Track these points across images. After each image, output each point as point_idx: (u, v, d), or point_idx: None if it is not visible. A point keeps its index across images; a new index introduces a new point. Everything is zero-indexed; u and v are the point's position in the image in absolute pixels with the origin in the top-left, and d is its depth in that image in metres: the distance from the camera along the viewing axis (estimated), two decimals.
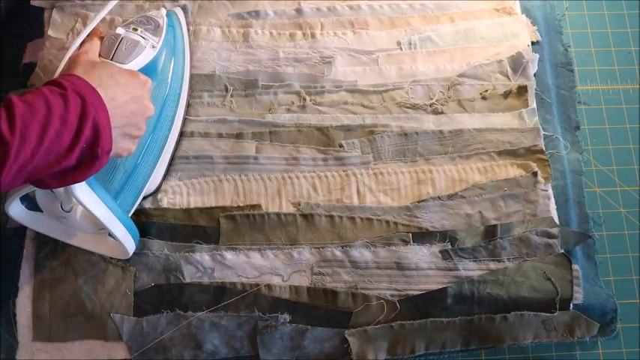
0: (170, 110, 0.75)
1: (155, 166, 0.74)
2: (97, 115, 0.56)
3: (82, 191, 0.61)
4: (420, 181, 0.78)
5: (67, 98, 0.55)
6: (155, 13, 0.74)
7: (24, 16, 0.85)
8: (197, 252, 0.72)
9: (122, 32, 0.68)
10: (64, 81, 0.57)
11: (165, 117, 0.74)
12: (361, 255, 0.73)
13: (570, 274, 0.73)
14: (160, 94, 0.73)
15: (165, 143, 0.75)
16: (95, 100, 0.57)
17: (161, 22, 0.73)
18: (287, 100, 0.82)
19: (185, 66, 0.79)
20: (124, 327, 0.69)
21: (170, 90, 0.75)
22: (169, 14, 0.79)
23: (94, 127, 0.56)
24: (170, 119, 0.75)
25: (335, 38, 0.86)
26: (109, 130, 0.57)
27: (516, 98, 0.83)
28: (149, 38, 0.70)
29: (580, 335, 0.72)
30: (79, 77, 0.58)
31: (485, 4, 0.90)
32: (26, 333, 0.69)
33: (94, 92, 0.57)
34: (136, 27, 0.70)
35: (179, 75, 0.77)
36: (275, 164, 0.78)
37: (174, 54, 0.77)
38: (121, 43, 0.67)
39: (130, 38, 0.68)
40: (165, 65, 0.74)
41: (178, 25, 0.80)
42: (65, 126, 0.54)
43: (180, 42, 0.79)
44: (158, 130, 0.73)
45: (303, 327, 0.70)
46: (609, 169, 0.83)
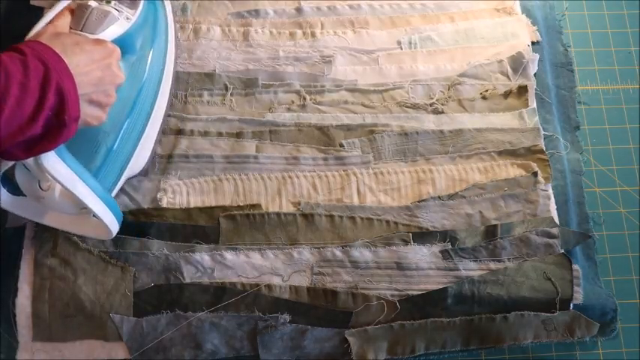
0: (151, 87, 0.74)
1: (137, 144, 0.72)
2: (61, 81, 0.54)
3: (54, 165, 0.60)
4: (421, 180, 0.78)
5: (26, 64, 0.53)
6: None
7: (24, 16, 0.85)
8: (197, 252, 0.72)
9: (93, 3, 0.66)
10: (25, 47, 0.55)
11: (146, 93, 0.73)
12: (361, 255, 0.73)
13: (570, 274, 0.73)
14: (140, 70, 0.72)
15: (147, 121, 0.73)
16: (58, 65, 0.55)
17: None
18: (287, 99, 0.82)
19: (169, 42, 0.77)
20: (124, 327, 0.69)
21: (151, 66, 0.73)
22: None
23: (59, 93, 0.54)
24: (152, 96, 0.74)
25: (335, 37, 0.86)
26: (75, 96, 0.56)
27: (516, 98, 0.83)
28: (123, 10, 0.68)
29: (580, 335, 0.72)
30: (41, 43, 0.56)
31: (486, 4, 0.90)
32: (26, 333, 0.69)
33: (57, 57, 0.56)
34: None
35: (162, 52, 0.76)
36: (275, 164, 0.78)
37: (156, 30, 0.75)
38: (91, 14, 0.65)
39: (101, 9, 0.65)
40: (146, 40, 0.72)
41: (161, 3, 0.78)
42: (26, 93, 0.52)
43: (163, 18, 0.77)
44: (139, 106, 0.71)
45: (303, 327, 0.70)
46: (609, 169, 0.83)
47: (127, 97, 0.69)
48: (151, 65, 0.73)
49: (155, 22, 0.75)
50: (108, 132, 0.68)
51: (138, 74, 0.71)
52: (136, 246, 0.72)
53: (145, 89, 0.72)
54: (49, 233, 0.72)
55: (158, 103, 0.75)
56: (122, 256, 0.71)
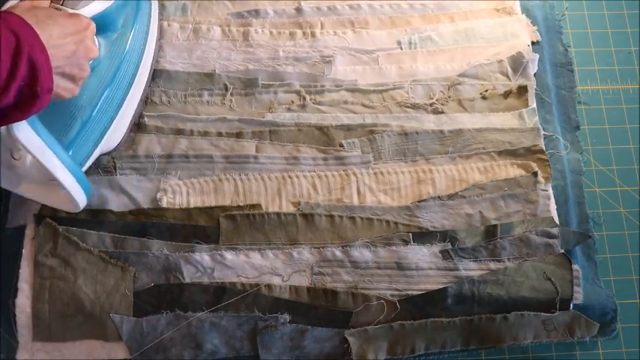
0: (131, 66, 0.74)
1: (113, 120, 0.73)
2: (32, 52, 0.54)
3: (25, 135, 0.60)
4: (421, 180, 0.78)
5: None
6: None
7: None
8: (197, 252, 0.72)
9: None
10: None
11: (125, 71, 0.73)
12: (361, 255, 0.73)
13: (570, 274, 0.73)
14: (120, 47, 0.73)
15: (124, 98, 0.74)
16: (30, 36, 0.55)
17: None
18: (287, 99, 0.82)
19: (152, 23, 0.79)
20: (124, 327, 0.69)
21: (132, 45, 0.74)
22: None
23: (30, 64, 0.54)
24: (130, 74, 0.75)
25: (335, 37, 0.86)
26: (48, 68, 0.56)
27: (516, 98, 0.83)
28: None
29: (580, 335, 0.72)
30: (13, 14, 0.56)
31: (486, 4, 0.90)
32: (26, 333, 0.69)
33: (29, 29, 0.55)
34: None
35: (143, 32, 0.77)
36: (275, 164, 0.78)
37: (139, 10, 0.76)
38: None
39: None
40: (128, 19, 0.74)
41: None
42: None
43: (146, 2, 0.78)
44: (117, 82, 0.72)
45: (303, 327, 0.70)
46: (609, 169, 0.83)
47: (104, 73, 0.70)
48: (132, 44, 0.74)
49: (138, 3, 0.76)
50: (84, 105, 0.69)
51: (117, 51, 0.72)
52: (136, 246, 0.72)
53: (123, 66, 0.73)
54: (49, 233, 0.72)
55: (137, 82, 0.76)
56: (122, 256, 0.71)
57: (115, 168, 0.76)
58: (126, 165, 0.76)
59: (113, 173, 0.76)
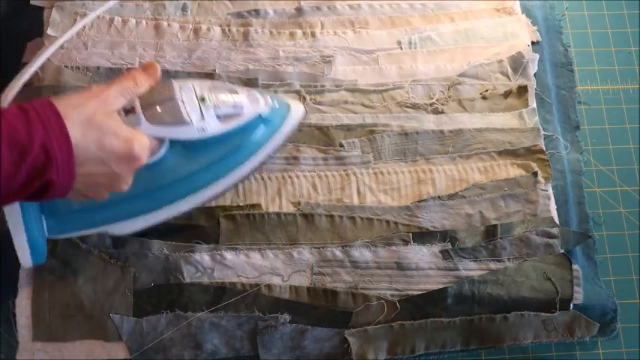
0: (177, 195, 0.66)
1: (131, 219, 0.67)
2: (56, 175, 0.50)
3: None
4: (421, 180, 0.78)
5: (30, 142, 0.48)
6: (251, 97, 0.63)
7: (24, 16, 0.85)
8: (197, 252, 0.72)
9: (177, 92, 0.58)
10: (43, 125, 0.49)
11: (173, 195, 0.66)
12: (361, 255, 0.73)
13: (570, 274, 0.73)
14: (176, 177, 0.65)
15: (154, 213, 0.67)
16: (62, 156, 0.50)
17: (247, 109, 0.62)
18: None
19: (241, 172, 0.68)
20: (124, 327, 0.69)
21: (191, 186, 0.66)
22: (275, 110, 0.66)
23: (47, 185, 0.51)
24: (173, 202, 0.67)
25: (335, 37, 0.86)
26: (64, 190, 0.52)
27: (516, 98, 0.83)
28: (208, 121, 0.60)
29: (580, 335, 0.72)
30: (62, 123, 0.50)
31: (486, 4, 0.90)
32: (26, 333, 0.69)
33: (67, 150, 0.50)
34: (204, 97, 0.60)
35: (229, 167, 0.66)
36: (275, 163, 0.77)
37: (238, 154, 0.66)
38: (164, 101, 0.58)
39: (176, 104, 0.58)
40: (211, 156, 0.64)
41: (279, 125, 0.68)
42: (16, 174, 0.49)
43: (263, 151, 0.67)
44: (149, 202, 0.66)
45: (303, 327, 0.70)
46: (609, 169, 0.83)
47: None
48: (193, 183, 0.66)
49: (243, 147, 0.66)
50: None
51: (168, 179, 0.64)
52: (135, 246, 0.72)
53: (165, 195, 0.66)
54: None
55: (181, 204, 0.67)
56: (122, 256, 0.71)
57: None
58: None
59: None
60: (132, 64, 0.82)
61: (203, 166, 0.64)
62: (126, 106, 0.58)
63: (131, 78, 0.58)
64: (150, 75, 0.59)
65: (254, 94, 0.64)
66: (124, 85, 0.57)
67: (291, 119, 0.68)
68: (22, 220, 0.61)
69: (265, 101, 0.65)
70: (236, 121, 0.62)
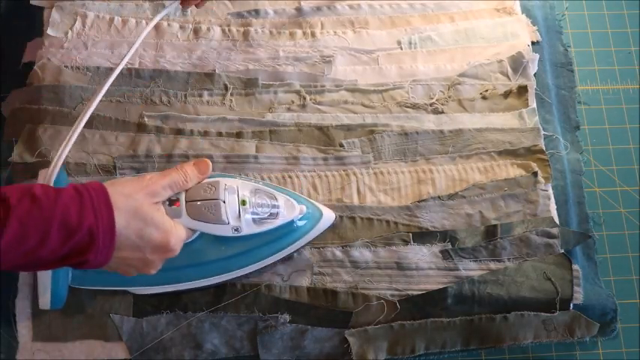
0: (197, 276, 0.68)
1: (154, 286, 0.69)
2: (93, 257, 0.53)
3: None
4: (421, 180, 0.78)
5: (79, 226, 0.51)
6: (288, 204, 0.67)
7: (24, 16, 0.85)
8: None
9: (221, 193, 0.62)
10: (96, 214, 0.53)
11: (186, 276, 0.68)
12: (361, 255, 0.73)
13: (570, 274, 0.73)
14: (199, 261, 0.67)
15: (172, 285, 0.69)
16: (105, 243, 0.53)
17: (282, 215, 0.66)
18: (287, 99, 0.82)
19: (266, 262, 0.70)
20: (124, 327, 0.69)
21: (211, 271, 0.68)
22: (308, 216, 0.69)
23: (83, 262, 0.54)
24: (191, 280, 0.69)
25: (335, 37, 0.86)
26: (98, 265, 0.55)
27: (516, 98, 0.83)
28: (244, 222, 0.63)
29: (580, 335, 0.72)
30: (112, 218, 0.54)
31: (486, 3, 0.90)
32: (26, 333, 0.69)
33: (110, 237, 0.54)
34: (245, 201, 0.64)
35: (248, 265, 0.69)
36: (275, 163, 0.78)
37: (262, 251, 0.68)
38: (208, 202, 0.61)
39: (218, 206, 0.62)
40: (236, 249, 0.67)
41: (308, 230, 0.70)
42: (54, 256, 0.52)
43: (286, 251, 0.70)
44: (170, 277, 0.67)
45: (303, 327, 0.70)
46: (609, 169, 0.83)
47: (172, 263, 0.64)
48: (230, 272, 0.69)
49: (272, 243, 0.68)
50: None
51: (197, 274, 0.67)
52: None
53: (195, 273, 0.68)
54: None
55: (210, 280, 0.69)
56: None
57: (115, 168, 0.76)
58: (125, 165, 0.76)
59: (113, 173, 0.76)
60: (132, 64, 0.82)
61: (227, 256, 0.67)
62: (172, 197, 0.61)
63: (183, 173, 0.62)
64: (201, 172, 0.63)
65: (291, 202, 0.68)
66: (174, 179, 0.61)
67: (321, 224, 0.71)
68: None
69: (300, 209, 0.68)
70: (269, 224, 0.66)
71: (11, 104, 0.79)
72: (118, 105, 0.80)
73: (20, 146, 0.76)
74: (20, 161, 0.75)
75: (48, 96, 0.78)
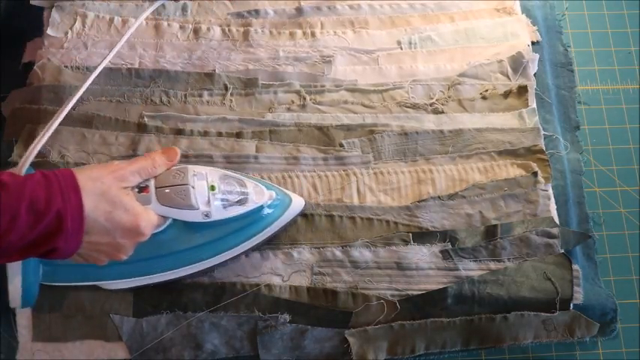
0: (169, 266, 0.68)
1: (123, 279, 0.69)
2: (63, 244, 0.53)
3: None
4: (421, 180, 0.78)
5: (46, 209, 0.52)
6: (257, 190, 0.67)
7: (24, 16, 0.85)
8: None
9: (190, 179, 0.62)
10: (65, 198, 0.53)
11: (159, 267, 0.68)
12: (361, 255, 0.73)
13: (570, 274, 0.73)
14: (172, 250, 0.67)
15: (145, 277, 0.69)
16: (74, 227, 0.54)
17: (251, 200, 0.66)
18: (287, 99, 0.82)
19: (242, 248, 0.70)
20: (124, 327, 0.69)
21: (184, 260, 0.68)
22: (277, 202, 0.70)
23: (53, 250, 0.54)
24: (164, 271, 0.69)
25: (335, 37, 0.86)
26: (68, 254, 0.56)
27: (516, 98, 0.83)
28: (214, 207, 0.64)
29: (580, 335, 0.72)
30: (80, 201, 0.54)
31: (486, 4, 0.90)
32: (26, 333, 0.69)
33: (79, 221, 0.54)
34: (214, 186, 0.64)
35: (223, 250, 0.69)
36: (275, 163, 0.78)
37: (234, 238, 0.69)
38: (177, 187, 0.62)
39: (187, 191, 0.62)
40: (209, 236, 0.67)
41: (278, 216, 0.71)
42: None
43: (259, 237, 0.70)
44: (142, 268, 0.68)
45: (303, 327, 0.70)
46: (609, 169, 0.83)
47: (145, 253, 0.65)
48: (194, 257, 0.69)
49: (243, 229, 0.69)
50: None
51: (163, 252, 0.67)
52: None
53: (168, 264, 0.68)
54: None
55: (177, 272, 0.69)
56: None
57: None
58: None
59: None
60: (132, 64, 0.82)
61: (199, 244, 0.67)
62: (141, 183, 0.61)
63: (151, 160, 0.62)
64: (169, 159, 0.64)
65: (260, 188, 0.68)
66: (142, 165, 0.61)
67: (291, 210, 0.71)
68: (21, 264, 0.62)
69: (269, 195, 0.69)
70: (239, 209, 0.66)
71: (11, 104, 0.79)
72: (118, 105, 0.80)
73: (20, 146, 0.76)
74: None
75: (48, 96, 0.78)
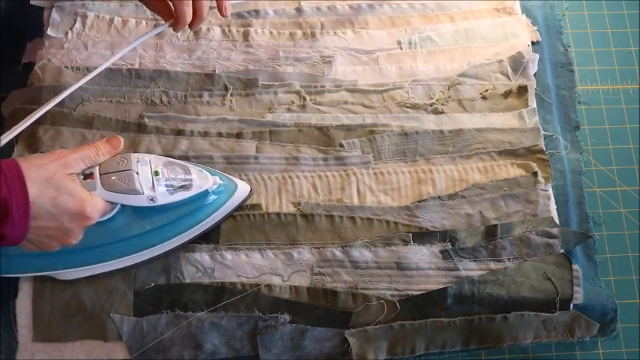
0: (122, 252, 0.70)
1: (77, 268, 0.69)
2: (10, 228, 0.54)
3: None
4: (421, 180, 0.78)
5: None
6: (201, 175, 0.69)
7: (24, 16, 0.85)
8: (197, 252, 0.72)
9: (134, 164, 0.64)
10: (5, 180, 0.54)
11: (111, 253, 0.69)
12: (361, 255, 0.73)
13: (570, 274, 0.73)
14: (123, 236, 0.68)
15: (98, 265, 0.70)
16: (20, 212, 0.54)
17: (195, 185, 0.68)
18: (287, 99, 0.82)
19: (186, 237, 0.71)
20: (124, 327, 0.69)
21: (135, 246, 0.69)
22: (222, 188, 0.71)
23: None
24: (117, 258, 0.70)
25: (335, 37, 0.86)
26: (16, 241, 0.56)
27: (516, 98, 0.83)
28: (158, 192, 0.65)
29: (580, 335, 0.72)
30: (22, 179, 0.55)
31: (486, 4, 0.90)
32: (26, 333, 0.69)
33: (24, 206, 0.55)
34: (158, 171, 0.66)
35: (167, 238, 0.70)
36: (275, 164, 0.78)
37: (182, 223, 0.70)
38: (120, 172, 0.63)
39: (131, 176, 0.63)
40: (157, 221, 0.68)
41: (224, 201, 0.72)
42: None
43: (206, 222, 0.71)
44: (95, 255, 0.69)
45: (303, 327, 0.70)
46: (609, 169, 0.83)
47: (96, 240, 0.67)
48: (140, 244, 0.70)
49: (190, 214, 0.70)
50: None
51: (114, 238, 0.68)
52: None
53: (120, 250, 0.69)
54: None
55: (131, 258, 0.71)
56: None
57: None
58: None
59: None
60: (132, 65, 0.82)
61: (148, 230, 0.69)
62: (85, 171, 0.63)
63: (93, 148, 0.63)
64: (112, 147, 0.65)
65: (204, 173, 0.70)
66: (85, 153, 0.62)
67: (236, 196, 0.73)
68: None
69: (214, 180, 0.70)
70: (184, 194, 0.68)
71: (11, 104, 0.79)
72: (118, 105, 0.80)
73: (20, 147, 0.76)
74: None
75: (48, 96, 0.78)
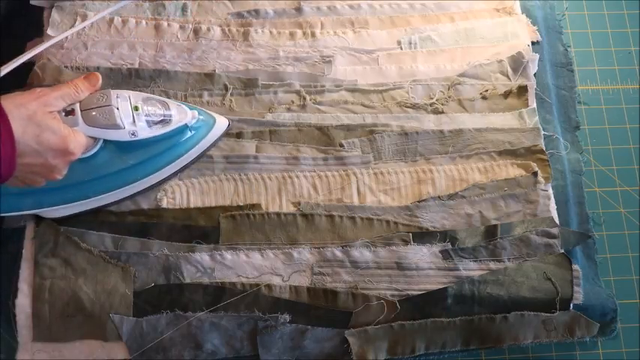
0: (107, 188, 0.72)
1: (64, 205, 0.71)
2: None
3: None
4: (421, 180, 0.78)
5: None
6: (180, 110, 0.71)
7: (24, 16, 0.85)
8: (197, 252, 0.72)
9: (114, 100, 0.66)
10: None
11: (97, 189, 0.71)
12: (361, 255, 0.73)
13: (570, 274, 0.73)
14: (107, 171, 0.70)
15: (85, 201, 0.72)
16: (5, 148, 0.56)
17: (175, 119, 0.70)
18: (287, 99, 0.82)
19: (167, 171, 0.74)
20: (124, 327, 0.69)
21: (119, 181, 0.71)
22: (201, 122, 0.74)
23: None
24: (102, 193, 0.72)
25: (335, 37, 0.86)
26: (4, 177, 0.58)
27: (516, 98, 0.83)
28: (139, 126, 0.68)
29: (580, 335, 0.72)
30: (6, 127, 0.56)
31: (486, 4, 0.90)
32: (26, 333, 0.69)
33: (10, 143, 0.56)
34: (137, 106, 0.68)
35: (150, 171, 0.73)
36: (275, 164, 0.78)
37: (164, 157, 0.73)
38: (100, 108, 0.65)
39: (111, 111, 0.65)
40: (140, 156, 0.71)
41: (204, 135, 0.75)
42: None
43: (188, 155, 0.74)
44: (81, 191, 0.71)
45: (303, 327, 0.70)
46: (609, 169, 0.83)
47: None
48: (125, 178, 0.72)
49: (171, 148, 0.73)
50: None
51: (100, 173, 0.70)
52: (136, 246, 0.72)
53: (105, 185, 0.71)
54: (49, 233, 0.72)
55: (116, 194, 0.73)
56: (122, 256, 0.71)
57: None
58: None
59: None
60: (132, 64, 0.82)
61: (131, 165, 0.71)
62: (67, 108, 0.65)
63: (72, 85, 0.65)
64: (90, 84, 0.67)
65: (183, 108, 0.72)
66: (64, 91, 0.64)
67: (215, 130, 0.75)
68: None
69: (192, 114, 0.72)
70: (164, 128, 0.70)
71: None
72: None
73: None
74: None
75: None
